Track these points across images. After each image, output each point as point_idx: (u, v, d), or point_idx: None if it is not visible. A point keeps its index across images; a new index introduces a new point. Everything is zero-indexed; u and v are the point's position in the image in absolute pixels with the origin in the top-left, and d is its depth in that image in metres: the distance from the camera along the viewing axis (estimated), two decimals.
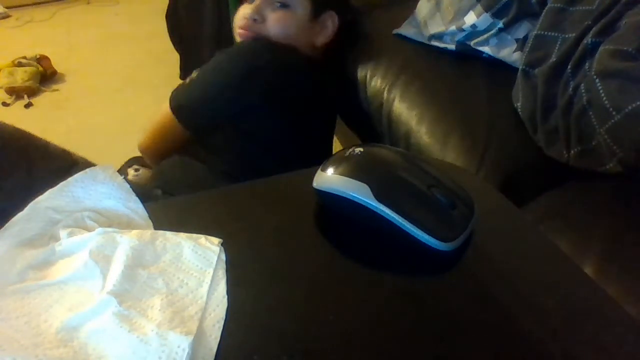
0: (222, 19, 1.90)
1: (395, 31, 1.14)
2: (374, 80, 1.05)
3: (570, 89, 0.80)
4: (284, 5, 1.02)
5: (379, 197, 0.38)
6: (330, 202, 0.41)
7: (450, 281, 0.37)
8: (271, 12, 1.02)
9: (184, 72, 2.09)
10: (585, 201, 0.73)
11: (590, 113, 0.75)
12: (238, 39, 1.07)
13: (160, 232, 0.39)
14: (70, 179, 0.42)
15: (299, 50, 1.02)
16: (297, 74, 0.98)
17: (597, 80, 0.74)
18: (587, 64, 0.79)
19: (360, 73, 1.08)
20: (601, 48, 0.77)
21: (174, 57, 2.07)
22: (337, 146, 1.19)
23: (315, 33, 1.06)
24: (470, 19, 1.00)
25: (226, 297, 0.34)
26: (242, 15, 1.05)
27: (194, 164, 0.91)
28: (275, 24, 1.02)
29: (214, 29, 1.94)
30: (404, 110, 0.96)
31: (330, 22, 1.07)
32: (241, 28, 1.04)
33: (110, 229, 0.38)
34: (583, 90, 0.77)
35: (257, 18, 1.01)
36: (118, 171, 0.42)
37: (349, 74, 1.10)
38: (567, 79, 0.82)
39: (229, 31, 1.90)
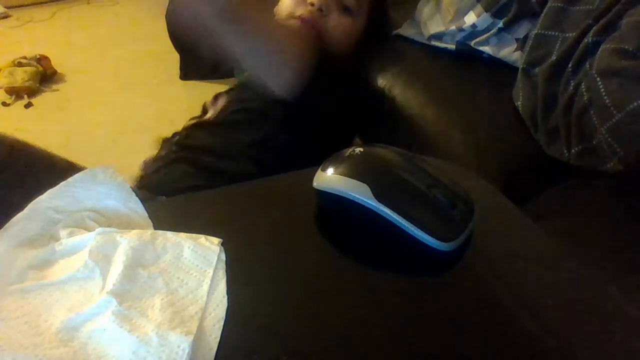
0: None
1: (395, 32, 1.14)
2: (374, 80, 1.05)
3: (571, 88, 0.80)
4: (350, 11, 0.99)
5: (379, 197, 0.38)
6: (330, 202, 0.41)
7: (450, 281, 0.37)
8: (337, 12, 0.99)
9: (184, 72, 2.09)
10: (586, 201, 0.73)
11: (591, 112, 0.75)
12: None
13: (160, 232, 0.39)
14: (70, 179, 0.42)
15: (335, 65, 0.98)
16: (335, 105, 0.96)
17: (598, 79, 0.74)
18: (587, 62, 0.79)
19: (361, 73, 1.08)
20: (602, 47, 0.77)
21: (174, 57, 2.07)
22: None
23: (355, 44, 1.05)
24: (470, 18, 1.00)
25: (226, 297, 0.34)
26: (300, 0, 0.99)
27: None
28: (338, 28, 0.98)
29: None
30: (404, 110, 0.96)
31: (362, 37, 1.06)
32: (302, 19, 0.97)
33: (110, 229, 0.38)
34: (584, 89, 0.77)
35: (324, 10, 0.96)
36: None
37: None
38: (567, 78, 0.82)
39: None
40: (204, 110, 1.02)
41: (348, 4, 0.99)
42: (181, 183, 0.80)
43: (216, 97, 1.01)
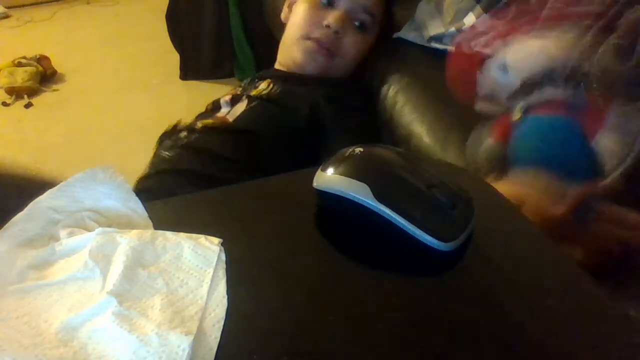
0: (222, 19, 1.90)
1: (395, 35, 1.14)
2: (374, 82, 1.05)
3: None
4: (363, 28, 0.99)
5: (379, 197, 0.38)
6: (330, 202, 0.41)
7: (450, 281, 0.37)
8: (351, 31, 0.98)
9: (184, 72, 2.09)
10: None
11: None
12: (297, 50, 0.98)
13: (160, 232, 0.39)
14: (70, 179, 0.42)
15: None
16: None
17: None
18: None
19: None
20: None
21: (174, 57, 2.07)
22: None
23: (364, 56, 1.05)
24: (470, 20, 1.00)
25: (226, 297, 0.34)
26: (316, 20, 0.98)
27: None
28: (353, 47, 0.98)
29: (214, 28, 1.94)
30: (404, 111, 0.96)
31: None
32: (319, 42, 0.96)
33: (110, 229, 0.38)
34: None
35: (341, 32, 0.96)
36: None
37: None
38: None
39: (228, 31, 1.92)
40: (215, 106, 0.99)
41: (364, 20, 0.99)
42: (183, 190, 0.80)
43: (234, 99, 0.97)
